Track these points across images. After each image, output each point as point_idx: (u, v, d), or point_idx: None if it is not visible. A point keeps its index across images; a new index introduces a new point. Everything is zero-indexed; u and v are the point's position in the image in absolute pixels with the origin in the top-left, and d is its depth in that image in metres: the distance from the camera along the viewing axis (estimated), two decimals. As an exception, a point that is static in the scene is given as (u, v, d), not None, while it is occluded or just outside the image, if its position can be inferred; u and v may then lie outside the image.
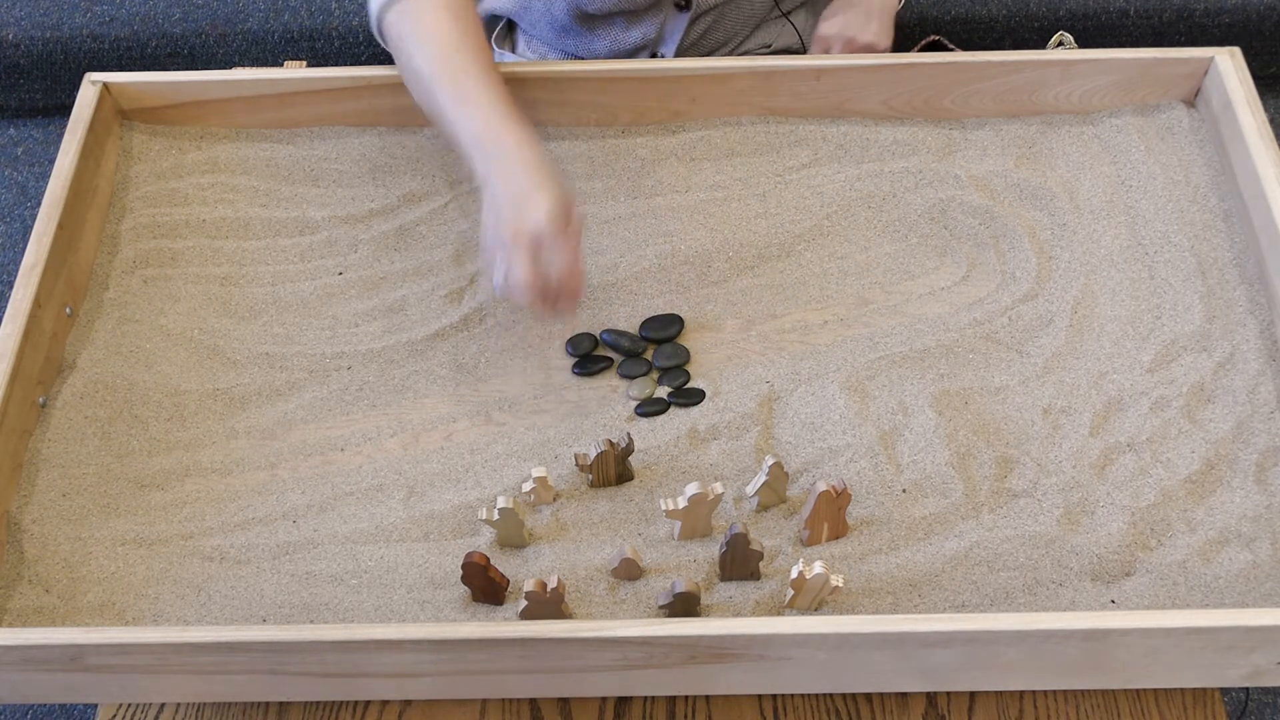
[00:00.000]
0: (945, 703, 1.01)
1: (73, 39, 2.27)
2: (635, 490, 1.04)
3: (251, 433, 1.09)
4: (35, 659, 0.89)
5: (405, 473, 1.06)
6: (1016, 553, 0.99)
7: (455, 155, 1.25)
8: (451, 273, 1.19)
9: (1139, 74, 1.25)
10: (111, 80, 1.24)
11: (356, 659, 0.91)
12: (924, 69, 1.24)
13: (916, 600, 0.96)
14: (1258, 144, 1.15)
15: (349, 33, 2.26)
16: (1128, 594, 0.97)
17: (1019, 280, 1.18)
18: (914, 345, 1.13)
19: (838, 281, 1.19)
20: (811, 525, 0.98)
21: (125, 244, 1.20)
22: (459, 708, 1.01)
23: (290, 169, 1.26)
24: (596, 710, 1.01)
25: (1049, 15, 2.23)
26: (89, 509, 1.03)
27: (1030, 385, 1.10)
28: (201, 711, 1.02)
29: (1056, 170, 1.25)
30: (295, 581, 1.00)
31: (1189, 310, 1.13)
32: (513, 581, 0.99)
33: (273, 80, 1.25)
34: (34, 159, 2.38)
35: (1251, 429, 1.06)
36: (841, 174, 1.24)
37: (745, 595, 0.97)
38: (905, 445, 1.05)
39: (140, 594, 0.98)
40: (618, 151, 1.27)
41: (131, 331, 1.14)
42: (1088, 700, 1.01)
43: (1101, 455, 1.05)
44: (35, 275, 1.08)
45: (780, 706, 1.01)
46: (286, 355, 1.14)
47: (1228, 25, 2.25)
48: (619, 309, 1.17)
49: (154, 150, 1.26)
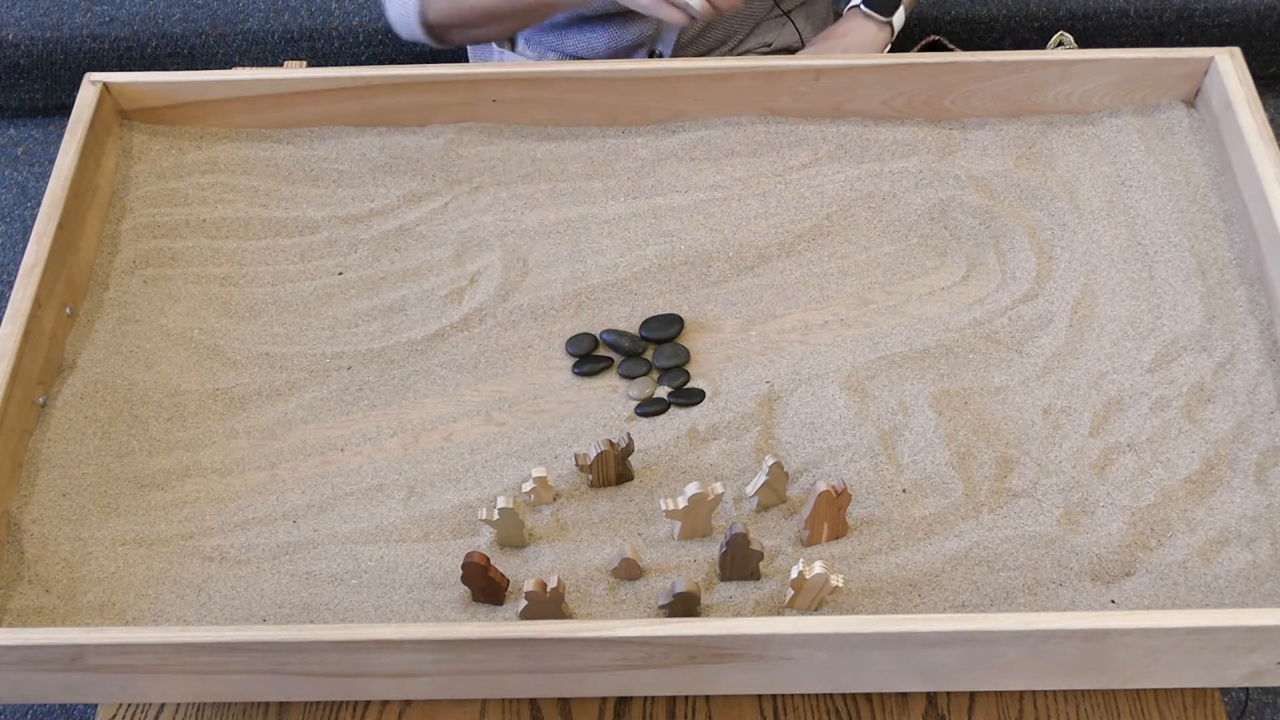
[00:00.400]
0: (945, 703, 1.01)
1: (73, 39, 2.27)
2: (635, 490, 1.04)
3: (251, 433, 1.09)
4: (35, 659, 0.89)
5: (405, 473, 1.06)
6: (1016, 553, 0.99)
7: (455, 155, 1.26)
8: (451, 273, 1.19)
9: (1139, 74, 1.25)
10: (111, 80, 1.24)
11: (356, 659, 0.91)
12: (924, 69, 1.24)
13: (916, 600, 0.97)
14: (1258, 144, 1.15)
15: (349, 33, 2.26)
16: (1128, 594, 0.97)
17: (1019, 280, 1.18)
18: (914, 345, 1.13)
19: (838, 281, 1.19)
20: (811, 525, 0.98)
21: (125, 244, 1.20)
22: (459, 708, 1.02)
23: (290, 169, 1.26)
24: (596, 710, 1.01)
25: (1049, 15, 2.23)
26: (89, 509, 1.03)
27: (1030, 385, 1.10)
28: (201, 711, 1.02)
29: (1056, 170, 1.25)
30: (295, 581, 1.00)
31: (1189, 310, 1.13)
32: (513, 581, 0.99)
33: (273, 80, 1.25)
34: (34, 159, 2.38)
35: (1251, 429, 1.06)
36: (841, 174, 1.24)
37: (745, 595, 0.97)
38: (905, 445, 1.05)
39: (140, 594, 0.99)
40: (618, 151, 1.27)
41: (131, 331, 1.14)
42: (1088, 700, 1.01)
43: (1101, 455, 1.05)
44: (35, 275, 1.08)
45: (780, 706, 1.01)
46: (286, 355, 1.14)
47: (1228, 25, 2.25)
48: (619, 309, 1.17)
49: (154, 150, 1.26)
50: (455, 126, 1.28)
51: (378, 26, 2.25)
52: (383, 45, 2.27)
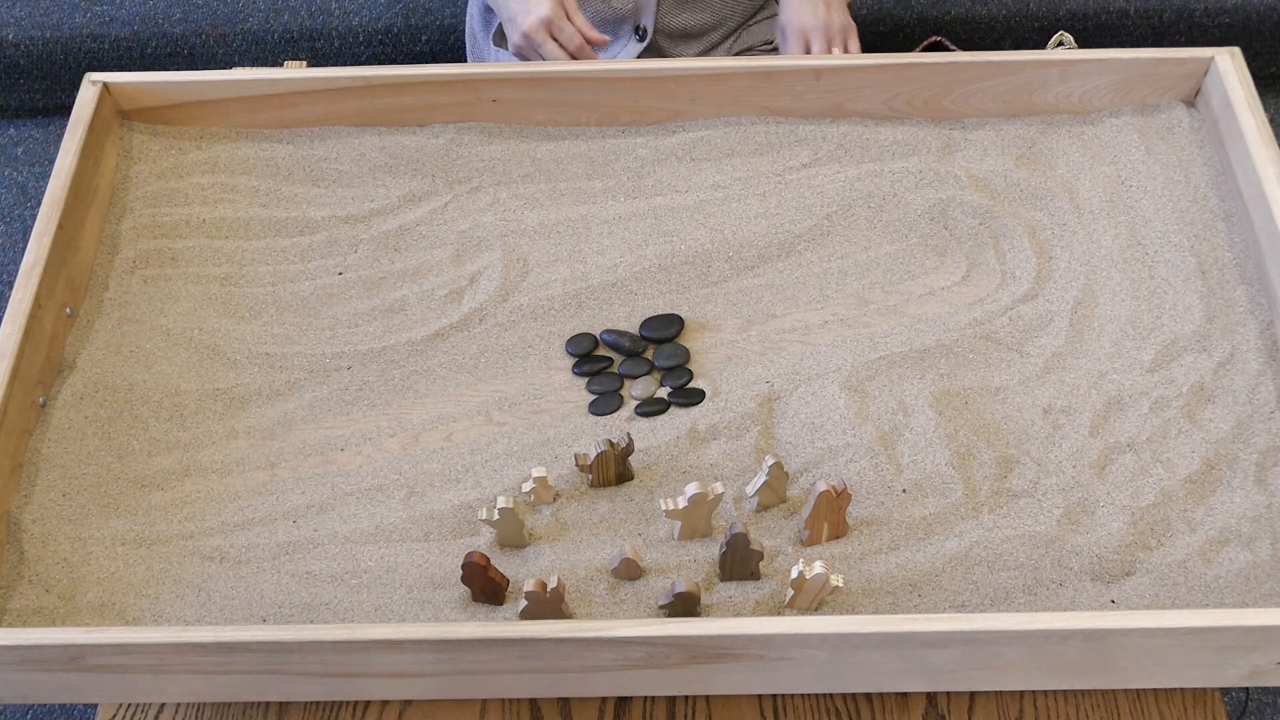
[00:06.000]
0: (945, 703, 1.01)
1: (73, 39, 2.27)
2: (635, 490, 1.04)
3: (251, 433, 1.09)
4: (35, 659, 0.89)
5: (405, 473, 1.06)
6: (1016, 553, 0.99)
7: (455, 155, 1.26)
8: (451, 273, 1.20)
9: (1139, 74, 1.25)
10: (111, 80, 1.24)
11: (356, 659, 0.91)
12: (924, 69, 1.24)
13: (916, 600, 0.97)
14: (1258, 144, 1.15)
15: (349, 33, 2.26)
16: (1128, 594, 0.97)
17: (1019, 280, 1.18)
18: (914, 345, 1.13)
19: (838, 281, 1.19)
20: (811, 525, 0.98)
21: (125, 244, 1.20)
22: (459, 708, 1.02)
23: (290, 169, 1.26)
24: (596, 710, 1.01)
25: (1049, 15, 2.23)
26: (89, 509, 1.03)
27: (1030, 385, 1.10)
28: (201, 711, 1.02)
29: (1056, 170, 1.25)
30: (295, 581, 1.00)
31: (1189, 310, 1.13)
32: (513, 581, 0.99)
33: (273, 80, 1.25)
34: (34, 159, 2.38)
35: (1251, 429, 1.06)
36: (841, 174, 1.24)
37: (745, 595, 0.97)
38: (905, 445, 1.05)
39: (140, 594, 0.99)
40: (618, 151, 1.27)
41: (131, 331, 1.14)
42: (1088, 700, 1.01)
43: (1101, 455, 1.05)
44: (35, 275, 1.08)
45: (780, 706, 1.01)
46: (286, 355, 1.14)
47: (1228, 25, 2.25)
48: (619, 309, 1.17)
49: (154, 150, 1.26)
50: (455, 126, 1.28)
51: (378, 26, 2.25)
52: (383, 45, 2.27)
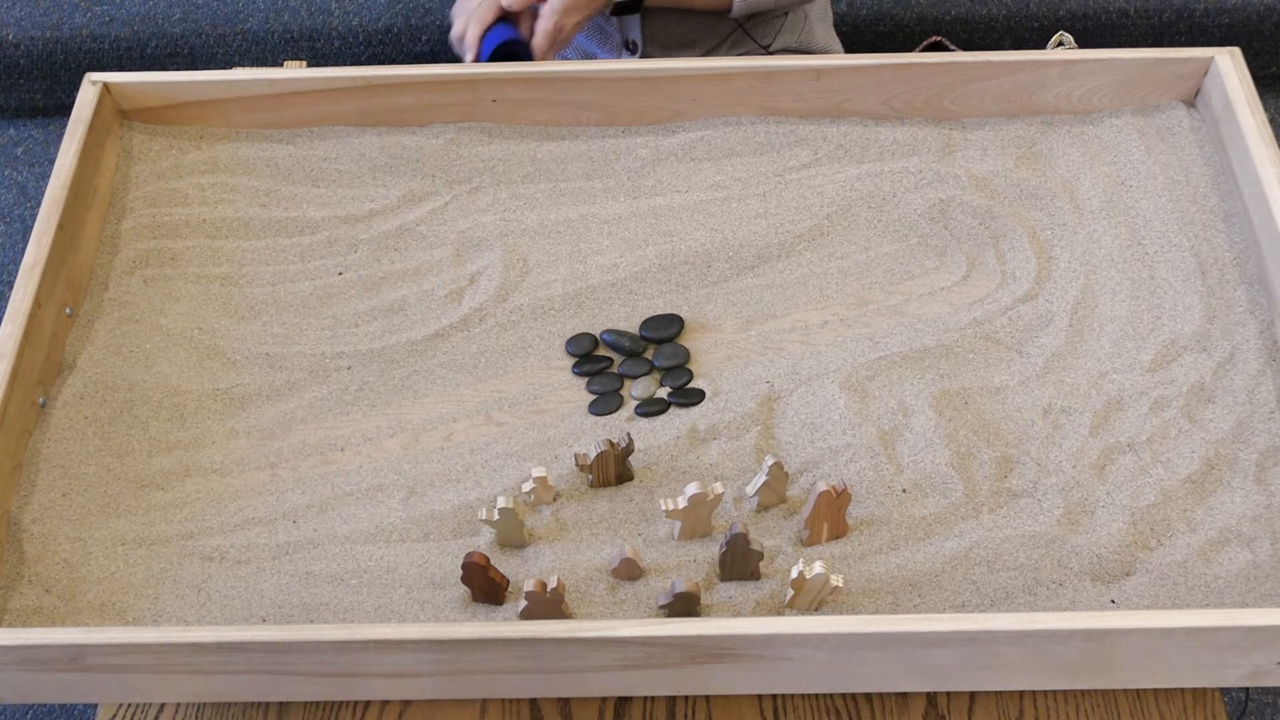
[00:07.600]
0: (945, 703, 1.01)
1: (73, 39, 2.27)
2: (635, 490, 1.04)
3: (251, 433, 1.09)
4: (35, 659, 0.89)
5: (405, 473, 1.06)
6: (1016, 553, 0.99)
7: (455, 155, 1.26)
8: (451, 273, 1.20)
9: (1139, 74, 1.25)
10: (111, 80, 1.24)
11: (356, 659, 0.91)
12: (924, 69, 1.24)
13: (916, 600, 0.97)
14: (1258, 144, 1.15)
15: (349, 33, 2.26)
16: (1128, 594, 0.97)
17: (1019, 280, 1.18)
18: (914, 345, 1.13)
19: (838, 281, 1.19)
20: (811, 525, 0.98)
21: (125, 244, 1.20)
22: (459, 708, 1.02)
23: (290, 169, 1.26)
24: (596, 710, 1.01)
25: (1049, 15, 2.24)
26: (89, 509, 1.03)
27: (1030, 385, 1.10)
28: (201, 711, 1.02)
29: (1056, 170, 1.25)
30: (295, 581, 1.00)
31: (1189, 310, 1.13)
32: (513, 581, 0.99)
33: (273, 80, 1.25)
34: (34, 159, 2.38)
35: (1251, 429, 1.06)
36: (841, 174, 1.24)
37: (745, 595, 0.97)
38: (905, 445, 1.05)
39: (140, 594, 0.99)
40: (618, 151, 1.27)
41: (131, 331, 1.14)
42: (1088, 700, 1.01)
43: (1101, 455, 1.05)
44: (35, 275, 1.08)
45: (780, 706, 1.01)
46: (286, 355, 1.14)
47: (1228, 25, 2.25)
48: (619, 309, 1.17)
49: (154, 150, 1.26)
50: (455, 126, 1.28)
51: (378, 26, 2.25)
52: (383, 45, 2.27)
